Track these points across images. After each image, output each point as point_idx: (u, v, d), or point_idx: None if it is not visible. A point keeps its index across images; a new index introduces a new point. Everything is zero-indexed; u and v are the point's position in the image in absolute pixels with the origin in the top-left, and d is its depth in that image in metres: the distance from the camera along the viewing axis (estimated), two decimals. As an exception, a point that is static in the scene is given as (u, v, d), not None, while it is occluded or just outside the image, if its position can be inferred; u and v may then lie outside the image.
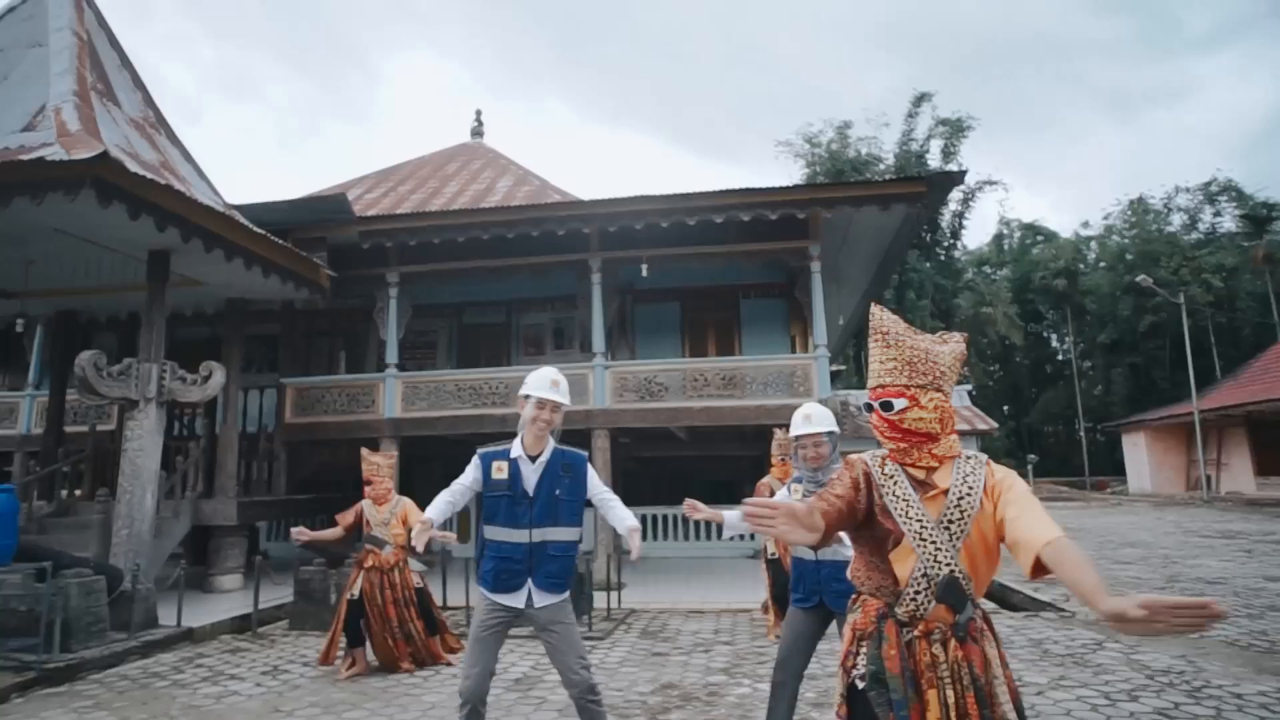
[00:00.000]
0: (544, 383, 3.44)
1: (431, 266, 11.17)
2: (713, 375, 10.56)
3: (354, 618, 5.81)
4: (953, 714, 1.83)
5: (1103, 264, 45.75)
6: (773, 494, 6.45)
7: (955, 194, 39.31)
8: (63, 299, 10.06)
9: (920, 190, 9.63)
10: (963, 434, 28.75)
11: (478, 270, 11.24)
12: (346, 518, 5.91)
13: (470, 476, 3.46)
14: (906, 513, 1.89)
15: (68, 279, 9.13)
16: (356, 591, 5.80)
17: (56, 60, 8.13)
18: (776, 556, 6.58)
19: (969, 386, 32.15)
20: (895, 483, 1.93)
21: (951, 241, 40.48)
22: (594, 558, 9.24)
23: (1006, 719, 1.87)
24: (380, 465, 5.98)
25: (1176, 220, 44.84)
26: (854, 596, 2.05)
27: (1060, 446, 46.46)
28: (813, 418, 3.72)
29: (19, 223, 7.20)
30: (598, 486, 3.57)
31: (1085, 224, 48.91)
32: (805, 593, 3.70)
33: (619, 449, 13.27)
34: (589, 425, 10.49)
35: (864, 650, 1.93)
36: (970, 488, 1.89)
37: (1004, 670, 1.94)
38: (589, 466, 3.57)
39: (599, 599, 7.99)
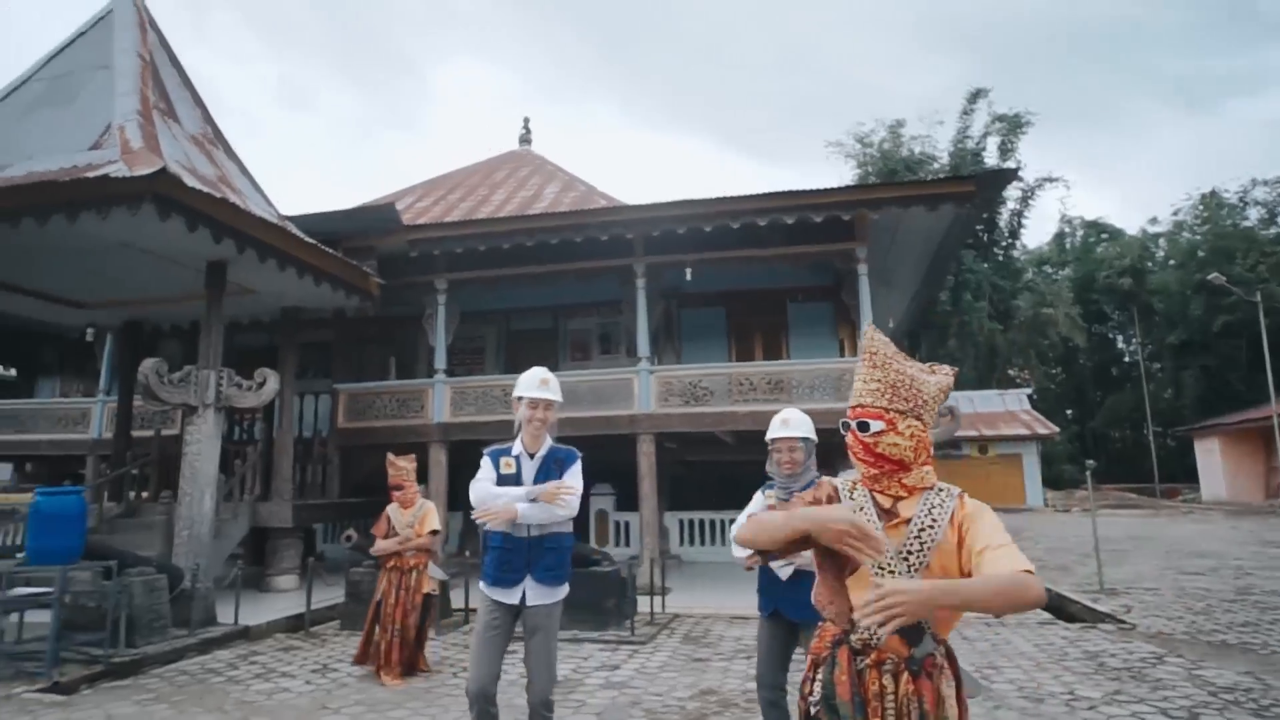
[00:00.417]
0: (534, 383, 3.55)
1: (478, 273, 11.34)
2: (758, 379, 10.48)
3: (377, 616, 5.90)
4: None
5: (1172, 262, 43.94)
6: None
7: (1013, 192, 38.27)
8: (129, 309, 10.52)
9: (969, 190, 9.40)
10: (1021, 439, 27.97)
11: (524, 276, 11.38)
12: (381, 528, 6.03)
13: (489, 473, 3.56)
14: None
15: (133, 290, 9.55)
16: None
17: (121, 81, 8.50)
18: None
19: (1029, 390, 31.27)
20: (861, 509, 1.90)
21: (1010, 241, 39.36)
22: (638, 563, 9.25)
23: None
24: (408, 470, 6.09)
25: (1253, 215, 42.79)
26: (820, 623, 2.01)
27: (1128, 452, 44.76)
28: (790, 422, 3.70)
29: (87, 237, 7.56)
30: (575, 479, 3.61)
31: (1153, 220, 47.06)
32: (766, 601, 3.69)
33: (665, 453, 13.26)
34: (634, 430, 10.51)
35: (819, 676, 1.92)
36: (934, 520, 1.84)
37: (959, 712, 1.87)
38: (578, 462, 3.64)
39: (642, 603, 7.99)
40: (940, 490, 1.90)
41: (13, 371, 14.90)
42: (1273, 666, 5.87)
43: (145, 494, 10.74)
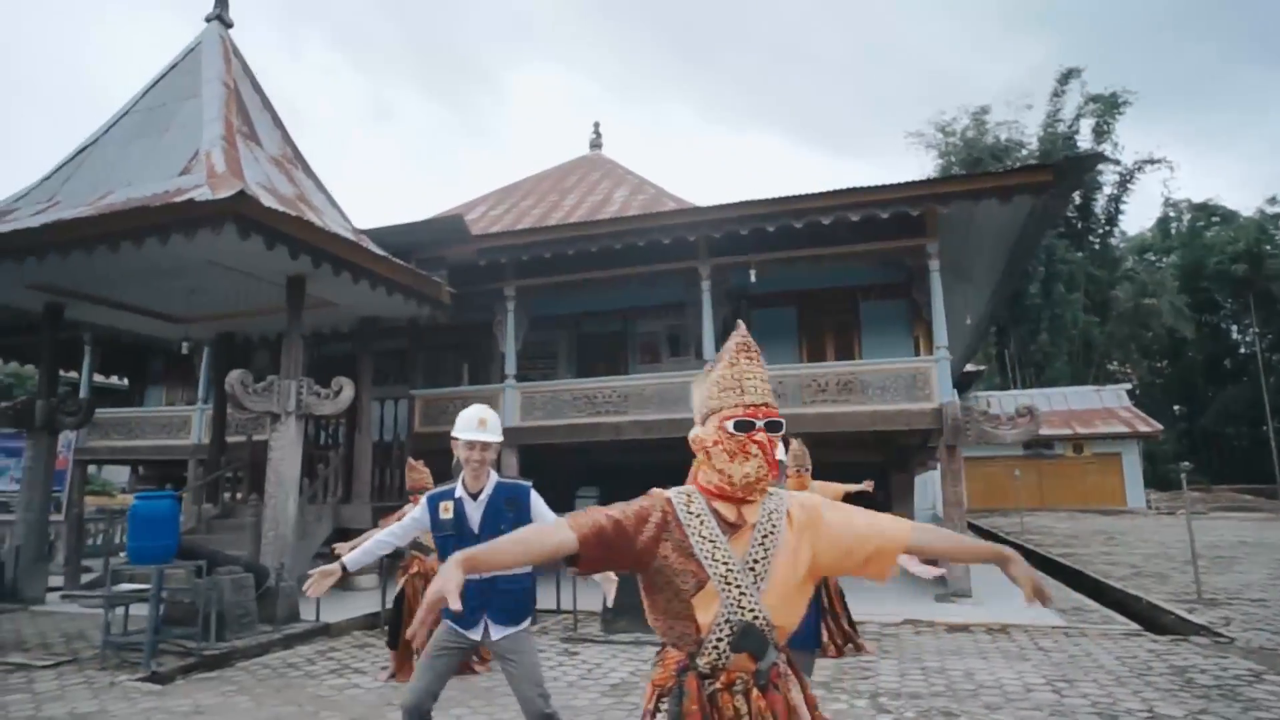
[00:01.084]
0: (471, 424, 3.48)
1: (545, 280, 11.55)
2: (827, 380, 10.31)
3: (399, 623, 6.02)
4: None
5: (1295, 244, 40.74)
6: None
7: (1110, 176, 36.44)
8: (221, 322, 11.18)
9: (1046, 179, 8.98)
10: (1120, 437, 26.49)
11: (590, 281, 11.52)
12: (389, 521, 6.13)
13: (412, 517, 3.63)
14: (713, 554, 1.75)
15: (223, 305, 10.14)
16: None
17: (208, 109, 9.06)
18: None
19: (1129, 385, 29.58)
20: (703, 522, 1.78)
21: (1107, 228, 37.47)
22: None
23: None
24: (427, 475, 6.12)
25: (1388, 191, 39.32)
26: (660, 651, 1.90)
27: (1244, 451, 41.63)
28: None
29: (177, 257, 8.07)
30: (542, 513, 3.55)
31: (1272, 200, 43.15)
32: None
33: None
34: (700, 433, 10.48)
35: (664, 708, 1.81)
36: (774, 525, 1.79)
37: (814, 713, 1.83)
38: (533, 495, 3.57)
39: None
40: (774, 494, 1.85)
41: (125, 381, 16.12)
42: (1387, 687, 5.40)
43: (240, 495, 11.39)
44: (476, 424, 3.48)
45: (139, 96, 9.85)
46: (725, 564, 1.74)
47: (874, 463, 14.15)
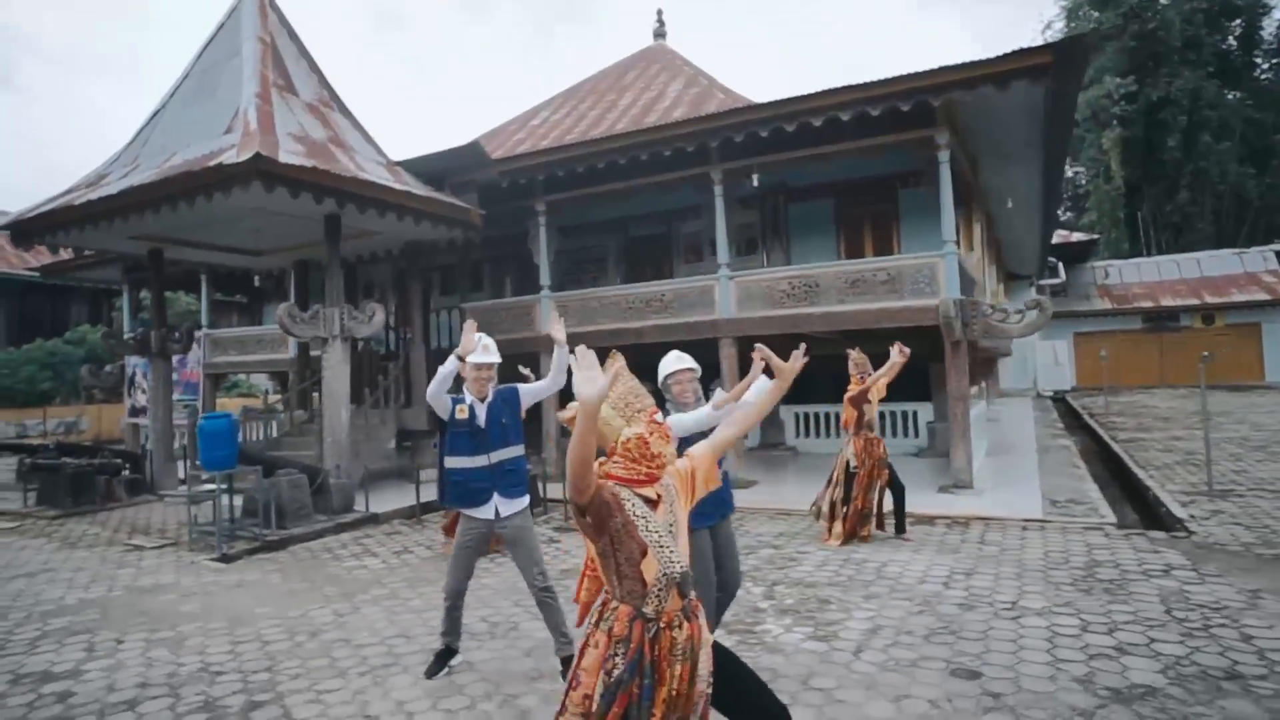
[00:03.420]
0: (479, 350, 4.41)
1: (570, 194, 12.13)
2: (833, 279, 10.48)
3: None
4: (680, 684, 2.25)
5: None
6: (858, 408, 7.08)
7: (1286, -2, 31.22)
8: (293, 253, 12.65)
9: (1044, 61, 8.42)
10: (1261, 305, 24.12)
11: (611, 193, 11.97)
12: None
13: (445, 401, 4.42)
14: (647, 527, 2.25)
15: (286, 240, 11.51)
16: None
17: (247, 66, 10.03)
18: (857, 470, 6.98)
19: (1278, 246, 26.38)
20: (633, 503, 2.27)
21: (1278, 60, 32.45)
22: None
23: (709, 676, 2.36)
24: None
25: None
26: (614, 607, 2.30)
27: None
28: (685, 357, 4.15)
29: (229, 208, 9.31)
30: (527, 392, 4.57)
31: None
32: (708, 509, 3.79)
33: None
34: (715, 335, 11.03)
35: (620, 653, 2.22)
36: (671, 492, 2.36)
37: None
38: (519, 389, 4.58)
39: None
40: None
41: (244, 300, 18.42)
42: (1282, 585, 5.48)
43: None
44: (482, 349, 4.45)
45: (195, 58, 10.98)
46: (657, 532, 2.27)
47: (920, 355, 14.14)
